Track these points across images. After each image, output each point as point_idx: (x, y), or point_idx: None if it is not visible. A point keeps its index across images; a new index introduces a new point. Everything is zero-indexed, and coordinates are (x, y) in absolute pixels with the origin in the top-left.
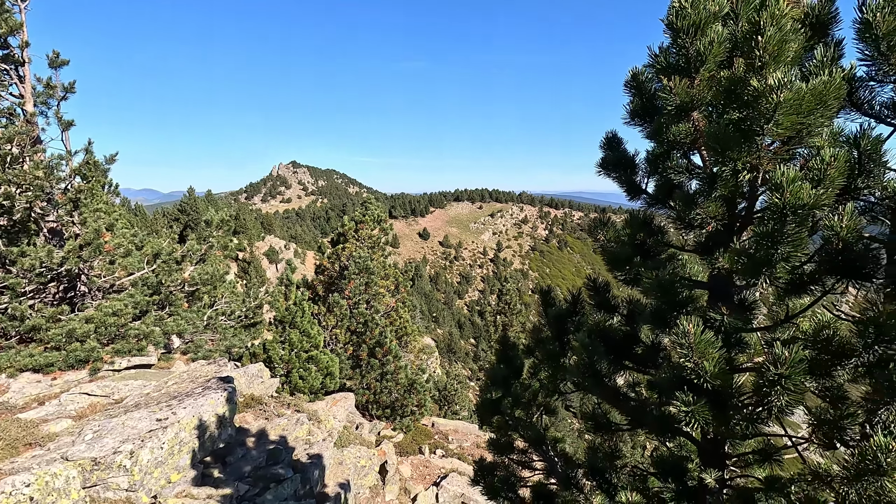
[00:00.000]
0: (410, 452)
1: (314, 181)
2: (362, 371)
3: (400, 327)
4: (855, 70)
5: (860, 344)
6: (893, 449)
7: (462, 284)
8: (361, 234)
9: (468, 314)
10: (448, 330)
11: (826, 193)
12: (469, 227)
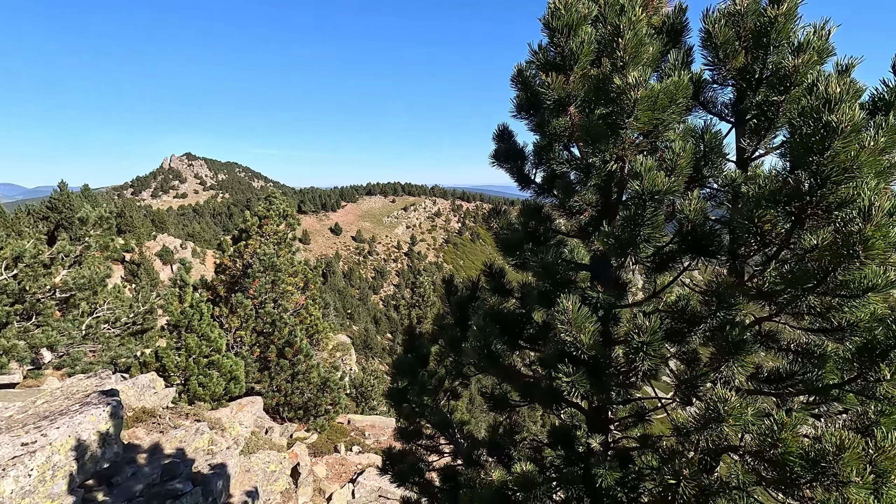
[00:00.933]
0: (325, 452)
1: (213, 175)
2: (271, 373)
3: (311, 325)
4: (702, 74)
5: (706, 311)
6: (730, 398)
7: (377, 279)
8: (266, 229)
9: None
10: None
11: (678, 181)
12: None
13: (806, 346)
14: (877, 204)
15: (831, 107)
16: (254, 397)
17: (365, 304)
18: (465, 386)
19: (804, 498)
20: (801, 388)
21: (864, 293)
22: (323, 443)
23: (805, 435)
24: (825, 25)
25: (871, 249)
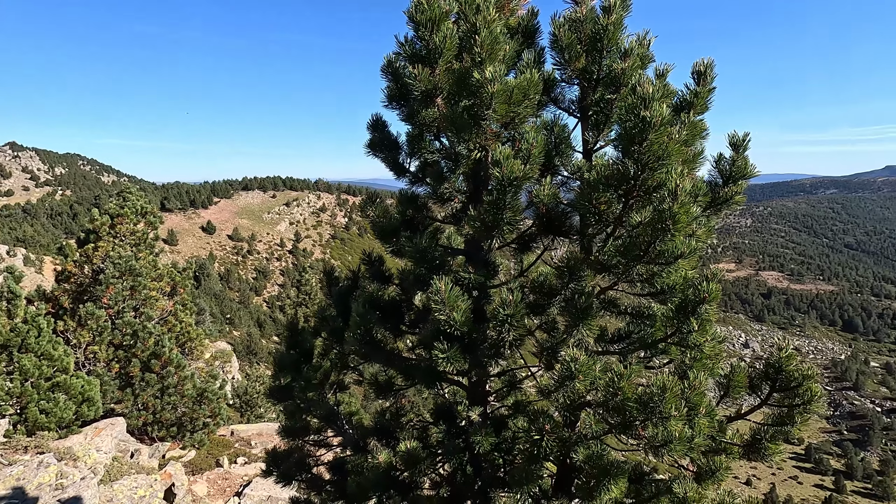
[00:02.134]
0: (206, 468)
1: (48, 168)
2: (135, 390)
3: (182, 333)
4: (553, 73)
5: (561, 284)
6: (580, 358)
7: (259, 280)
8: (120, 229)
9: (268, 311)
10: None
11: (532, 168)
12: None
13: (639, 308)
14: (681, 186)
15: (647, 104)
16: (114, 419)
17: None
18: (361, 377)
19: (640, 437)
20: (638, 344)
21: (675, 260)
22: (203, 459)
23: (641, 384)
24: (646, 36)
25: (678, 223)
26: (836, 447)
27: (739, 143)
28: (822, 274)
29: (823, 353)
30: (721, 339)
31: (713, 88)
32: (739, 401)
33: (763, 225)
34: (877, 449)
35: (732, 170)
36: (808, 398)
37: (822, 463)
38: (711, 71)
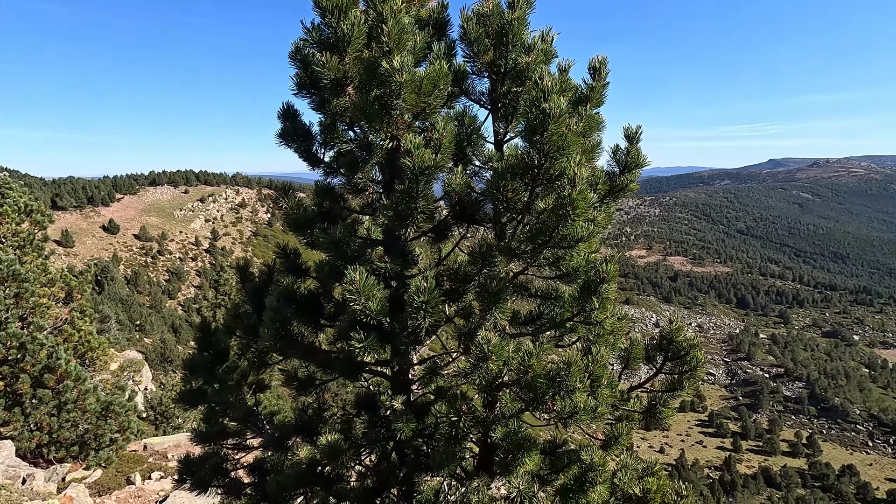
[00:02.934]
0: (115, 487)
1: None
2: (25, 409)
3: (81, 343)
4: (465, 65)
5: (475, 270)
6: (492, 339)
7: (172, 282)
8: (0, 230)
9: (184, 314)
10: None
11: (444, 158)
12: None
13: (548, 291)
14: (579, 174)
15: (547, 97)
16: (1, 442)
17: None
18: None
19: (551, 410)
20: (548, 324)
21: (576, 243)
22: (111, 477)
23: (551, 361)
24: (549, 32)
25: (577, 208)
26: (733, 412)
27: (633, 135)
28: (720, 257)
29: (721, 329)
30: (622, 315)
31: (607, 83)
32: (639, 371)
33: (669, 214)
34: (766, 410)
35: (628, 160)
36: (693, 364)
37: (722, 427)
38: (605, 67)
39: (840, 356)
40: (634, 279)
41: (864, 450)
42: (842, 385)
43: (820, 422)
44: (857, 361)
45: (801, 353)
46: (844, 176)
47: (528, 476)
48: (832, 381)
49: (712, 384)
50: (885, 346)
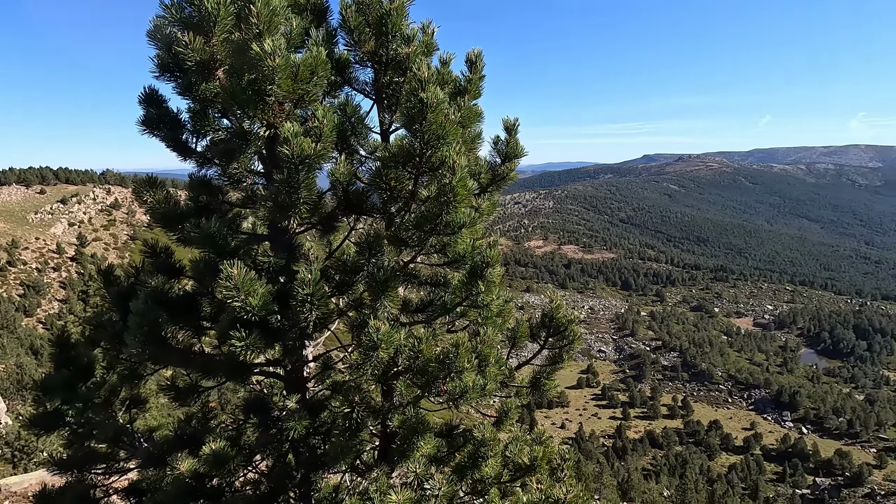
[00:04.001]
0: None
1: None
2: None
3: None
4: (348, 54)
5: (363, 261)
6: (380, 328)
7: (29, 297)
8: None
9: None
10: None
11: (325, 147)
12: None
13: (436, 277)
14: (458, 162)
15: (424, 87)
16: None
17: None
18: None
19: (443, 392)
20: (440, 310)
21: (460, 229)
22: None
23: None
24: (430, 25)
25: (458, 195)
26: (622, 384)
27: (512, 126)
28: (606, 244)
29: (610, 309)
30: (508, 298)
31: (483, 76)
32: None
33: (562, 206)
34: (648, 380)
35: (508, 150)
36: (571, 338)
37: (613, 399)
38: (481, 60)
39: (705, 327)
40: (533, 268)
41: (725, 406)
42: (707, 352)
43: (691, 385)
44: (717, 330)
45: (674, 326)
46: (703, 169)
47: (424, 459)
48: (699, 349)
49: (603, 360)
50: (738, 316)
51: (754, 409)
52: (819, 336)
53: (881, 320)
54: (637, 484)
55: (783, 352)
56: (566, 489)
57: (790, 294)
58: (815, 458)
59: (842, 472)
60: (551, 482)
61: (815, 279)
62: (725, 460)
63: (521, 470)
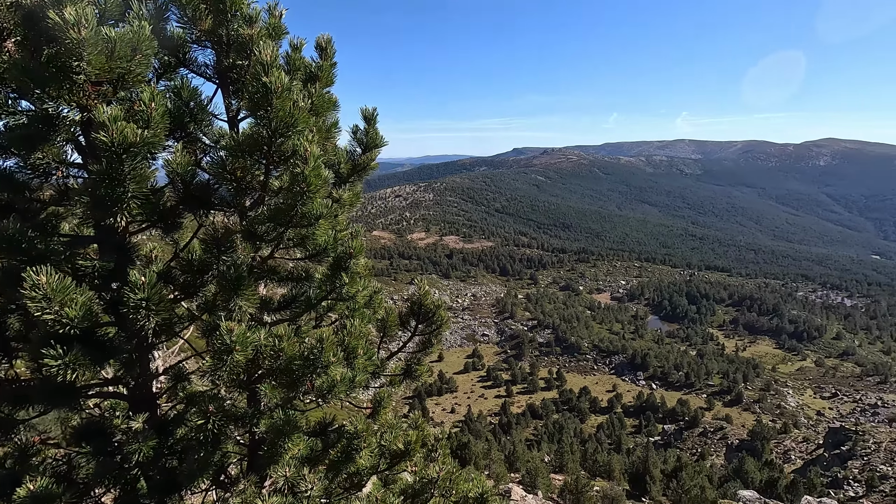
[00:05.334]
0: None
1: None
2: None
3: None
4: (184, 33)
5: (212, 259)
6: (234, 329)
7: None
8: None
9: None
10: None
11: (156, 134)
12: None
13: (297, 272)
14: (310, 151)
15: (267, 71)
16: None
17: None
18: None
19: (311, 390)
20: (304, 306)
21: (317, 220)
22: None
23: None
24: (277, 6)
25: (312, 185)
26: (504, 364)
27: (370, 116)
28: (484, 234)
29: (491, 295)
30: (377, 289)
31: (335, 63)
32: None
33: (442, 198)
34: (527, 357)
35: (367, 140)
36: (440, 323)
37: (498, 378)
38: (331, 46)
39: (572, 304)
40: (417, 260)
41: (592, 373)
42: (575, 326)
43: (563, 358)
44: (583, 306)
45: (547, 306)
46: (565, 162)
47: (295, 461)
48: (568, 324)
49: (487, 344)
50: (598, 292)
51: (615, 372)
52: (661, 304)
53: (706, 287)
54: (522, 454)
55: (634, 320)
56: (439, 468)
57: (638, 270)
58: (662, 408)
59: (682, 417)
60: (426, 463)
61: (656, 255)
62: (594, 421)
63: (398, 456)
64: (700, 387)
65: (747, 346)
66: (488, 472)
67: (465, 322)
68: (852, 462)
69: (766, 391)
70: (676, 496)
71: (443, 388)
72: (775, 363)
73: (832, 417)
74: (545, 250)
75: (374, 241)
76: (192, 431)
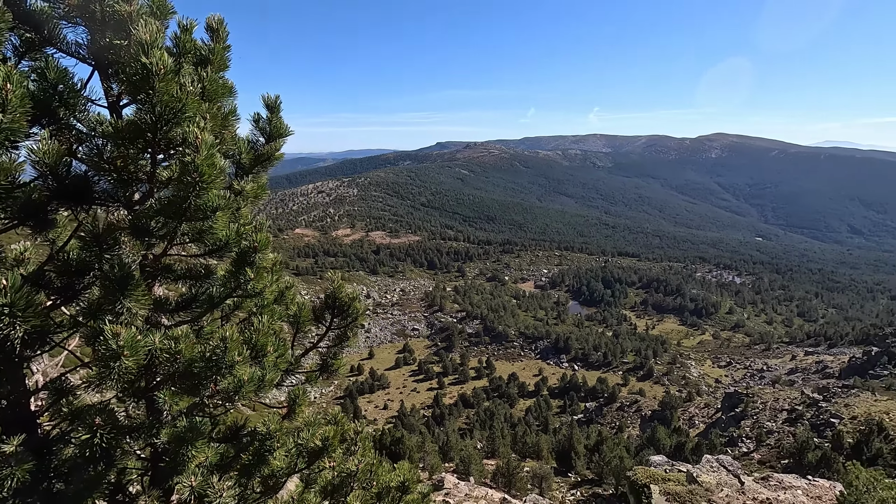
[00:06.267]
0: None
1: None
2: None
3: None
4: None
5: (93, 258)
6: (121, 333)
7: None
8: None
9: None
10: None
11: (14, 119)
12: None
13: (197, 269)
14: (202, 138)
15: (147, 51)
16: None
17: None
18: None
19: (217, 392)
20: (207, 305)
21: (213, 213)
22: None
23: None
24: None
25: (205, 175)
26: (435, 356)
27: (273, 104)
28: (411, 228)
29: (419, 289)
30: (290, 284)
31: (228, 46)
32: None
33: (366, 193)
34: (458, 348)
35: (271, 129)
36: (355, 315)
37: (429, 371)
38: (223, 28)
39: (499, 294)
40: (343, 257)
41: (519, 359)
42: (502, 315)
43: (492, 347)
44: (508, 296)
45: (475, 297)
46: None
47: (202, 470)
48: (496, 314)
49: (418, 338)
50: (523, 281)
51: (540, 357)
52: (580, 290)
53: (619, 272)
54: (455, 444)
55: (557, 306)
56: (358, 460)
57: (558, 258)
58: (584, 387)
59: (602, 394)
60: (345, 458)
61: (574, 244)
62: (523, 405)
63: (316, 454)
64: (616, 365)
65: (656, 324)
66: (423, 465)
67: (394, 317)
68: (745, 422)
69: (672, 364)
70: (598, 468)
71: (374, 385)
72: (680, 338)
73: (727, 384)
74: (471, 243)
75: (296, 239)
76: (79, 449)
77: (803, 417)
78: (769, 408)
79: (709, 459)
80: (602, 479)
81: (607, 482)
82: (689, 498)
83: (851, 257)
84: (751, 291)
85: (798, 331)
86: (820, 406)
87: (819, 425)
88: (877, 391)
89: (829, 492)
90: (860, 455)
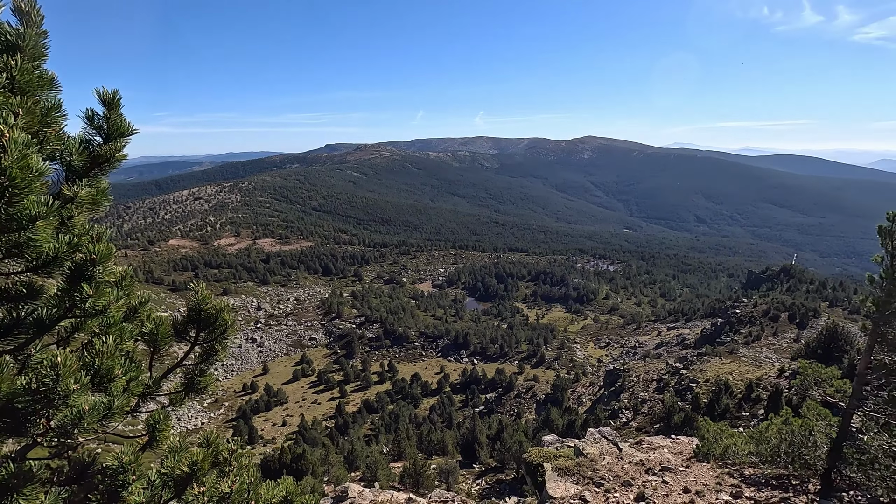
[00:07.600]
0: None
1: None
2: None
3: None
4: None
5: None
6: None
7: None
8: None
9: None
10: None
11: None
12: None
13: (17, 289)
14: (12, 137)
15: None
16: None
17: None
18: None
19: (51, 428)
20: (35, 329)
21: (32, 223)
22: None
23: None
24: None
25: (16, 179)
26: (336, 365)
27: (111, 99)
28: (302, 234)
29: (315, 297)
30: (146, 298)
31: (45, 32)
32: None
33: (251, 199)
34: (358, 354)
35: (109, 128)
36: (224, 327)
37: (330, 381)
38: (36, 11)
39: (397, 296)
40: (228, 268)
41: (421, 359)
42: (402, 317)
43: (393, 349)
44: (407, 297)
45: (373, 301)
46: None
47: None
48: (395, 316)
49: (315, 347)
50: (421, 281)
51: (441, 355)
52: (476, 286)
53: (510, 267)
54: (361, 451)
55: (454, 304)
56: (231, 482)
57: (454, 257)
58: (484, 380)
59: (501, 384)
60: (218, 480)
61: (468, 243)
62: (427, 404)
63: (183, 481)
64: (512, 355)
65: (545, 313)
66: (328, 478)
67: (289, 328)
68: (623, 395)
69: (561, 349)
70: (500, 455)
71: (271, 402)
72: (566, 325)
73: (608, 362)
74: (367, 246)
75: (172, 251)
76: None
77: (669, 385)
78: (642, 380)
79: (592, 433)
80: (504, 465)
81: (509, 467)
82: (577, 470)
83: (699, 243)
84: (622, 277)
85: (661, 310)
86: (681, 373)
87: (681, 390)
88: (723, 356)
89: (688, 446)
90: (713, 412)
